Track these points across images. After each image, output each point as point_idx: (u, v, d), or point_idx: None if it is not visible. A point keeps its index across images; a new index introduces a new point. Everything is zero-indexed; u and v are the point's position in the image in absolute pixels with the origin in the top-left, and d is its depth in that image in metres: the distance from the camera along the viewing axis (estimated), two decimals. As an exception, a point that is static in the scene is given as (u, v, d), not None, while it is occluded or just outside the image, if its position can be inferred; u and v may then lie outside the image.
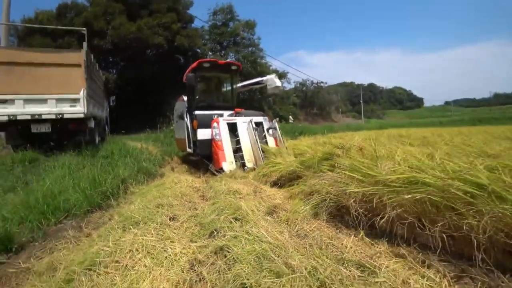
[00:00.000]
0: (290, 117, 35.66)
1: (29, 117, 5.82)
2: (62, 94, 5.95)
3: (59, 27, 11.66)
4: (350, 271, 1.73)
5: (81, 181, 3.93)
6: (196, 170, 6.13)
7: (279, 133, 5.88)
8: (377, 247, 2.10)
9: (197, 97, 6.50)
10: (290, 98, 44.35)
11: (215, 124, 5.55)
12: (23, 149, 5.92)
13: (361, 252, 2.03)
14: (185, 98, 6.49)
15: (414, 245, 2.02)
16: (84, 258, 2.00)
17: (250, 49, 27.31)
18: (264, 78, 7.53)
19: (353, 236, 2.27)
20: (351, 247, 2.07)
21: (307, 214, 2.63)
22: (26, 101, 5.80)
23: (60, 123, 6.26)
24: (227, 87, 7.66)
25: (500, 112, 55.73)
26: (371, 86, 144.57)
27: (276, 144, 5.76)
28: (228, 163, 5.14)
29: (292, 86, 46.96)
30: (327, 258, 1.90)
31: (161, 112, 16.15)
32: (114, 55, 17.78)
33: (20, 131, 6.21)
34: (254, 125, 5.63)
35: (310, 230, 2.39)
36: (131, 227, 2.53)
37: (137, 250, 2.10)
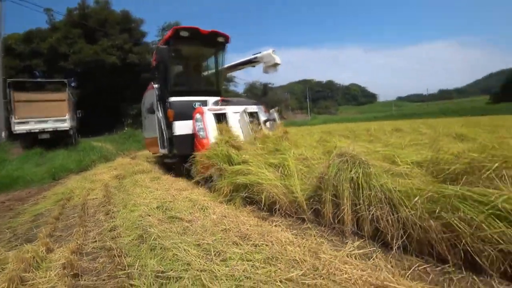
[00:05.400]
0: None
1: (38, 130, 10.20)
2: (57, 116, 10.38)
3: (48, 80, 15.54)
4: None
5: (73, 160, 8.62)
6: (134, 157, 10.62)
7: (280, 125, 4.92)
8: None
9: (172, 79, 5.34)
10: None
11: (198, 116, 4.48)
12: (31, 148, 10.30)
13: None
14: (156, 86, 5.47)
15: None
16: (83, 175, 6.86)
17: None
18: (259, 55, 5.90)
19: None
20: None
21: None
22: (36, 121, 10.16)
23: (56, 132, 10.64)
24: (211, 67, 6.32)
25: (433, 106, 65.07)
26: (330, 83, 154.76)
27: None
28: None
29: (242, 89, 51.43)
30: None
31: (117, 119, 20.47)
32: (75, 71, 21.55)
33: (32, 138, 10.46)
34: (248, 116, 4.77)
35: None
36: (98, 166, 7.39)
37: (99, 171, 6.93)
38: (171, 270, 1.69)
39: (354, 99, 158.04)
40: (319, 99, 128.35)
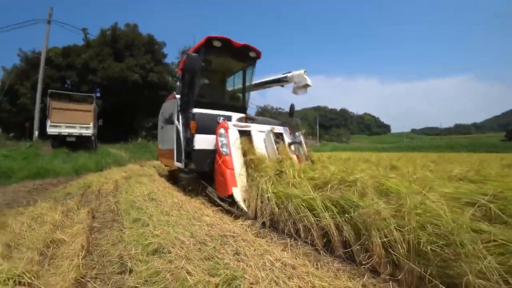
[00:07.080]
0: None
1: (67, 134, 12.37)
2: (82, 124, 12.56)
3: (79, 93, 18.01)
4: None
5: (92, 161, 10.56)
6: (143, 165, 12.49)
7: (306, 149, 4.92)
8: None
9: (198, 89, 5.06)
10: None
11: (222, 131, 4.26)
12: (59, 148, 12.39)
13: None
14: (178, 96, 5.32)
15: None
16: (99, 174, 8.73)
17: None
18: (289, 74, 5.81)
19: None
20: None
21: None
22: (67, 126, 12.34)
23: (80, 137, 12.76)
24: (238, 81, 6.04)
25: (446, 141, 64.68)
26: (343, 112, 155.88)
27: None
28: (241, 189, 3.87)
29: (253, 112, 53.71)
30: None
31: (132, 130, 22.73)
32: (102, 84, 24.26)
33: (60, 139, 12.57)
34: (274, 137, 4.62)
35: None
36: (112, 168, 9.26)
37: (112, 172, 8.79)
38: (142, 216, 3.38)
39: (367, 129, 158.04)
40: (332, 127, 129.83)
